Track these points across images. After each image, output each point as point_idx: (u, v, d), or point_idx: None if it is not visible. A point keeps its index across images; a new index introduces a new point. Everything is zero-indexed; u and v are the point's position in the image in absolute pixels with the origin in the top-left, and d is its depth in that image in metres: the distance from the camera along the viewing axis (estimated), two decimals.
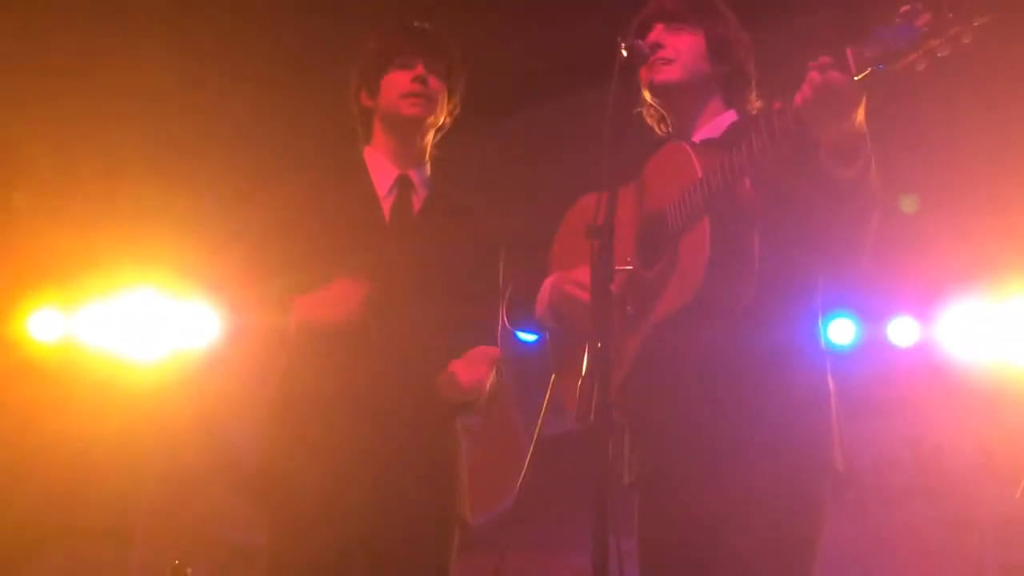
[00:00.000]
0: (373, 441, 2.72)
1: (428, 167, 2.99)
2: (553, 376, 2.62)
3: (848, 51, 2.02)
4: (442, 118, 2.97)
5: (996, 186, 5.17)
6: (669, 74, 2.49)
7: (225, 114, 5.14)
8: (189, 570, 4.69)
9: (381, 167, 2.94)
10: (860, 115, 2.12)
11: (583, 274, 2.43)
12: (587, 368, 2.10)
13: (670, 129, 2.62)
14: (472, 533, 2.85)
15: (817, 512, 2.35)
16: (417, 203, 2.94)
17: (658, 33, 2.51)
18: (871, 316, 6.04)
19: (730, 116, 2.54)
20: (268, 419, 2.86)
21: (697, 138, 2.52)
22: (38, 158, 5.31)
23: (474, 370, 2.79)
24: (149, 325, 6.09)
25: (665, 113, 2.61)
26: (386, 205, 2.91)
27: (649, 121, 2.65)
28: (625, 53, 2.29)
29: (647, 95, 2.57)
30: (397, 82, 2.90)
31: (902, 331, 6.05)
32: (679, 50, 2.50)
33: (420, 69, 2.89)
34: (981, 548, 4.99)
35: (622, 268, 2.35)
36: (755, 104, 2.57)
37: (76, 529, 6.03)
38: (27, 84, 4.93)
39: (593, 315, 2.13)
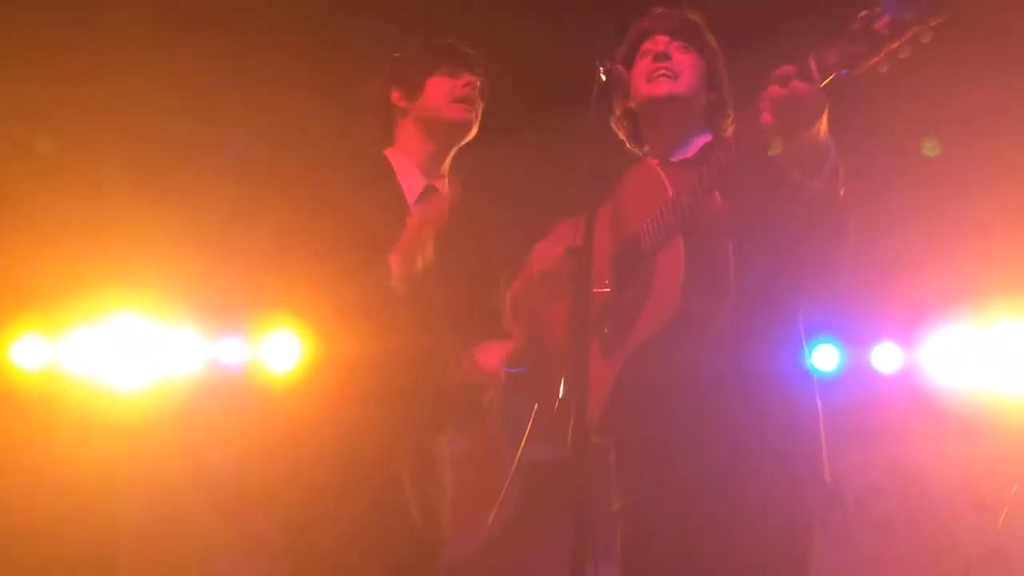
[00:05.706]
0: (357, 471, 2.71)
1: (447, 181, 2.98)
2: (536, 405, 2.61)
3: (811, 58, 2.04)
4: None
5: (980, 211, 5.18)
6: (675, 87, 2.49)
7: (215, 134, 5.09)
8: None
9: (408, 174, 2.92)
10: (824, 123, 2.12)
11: (547, 248, 2.44)
12: (564, 391, 2.09)
13: (646, 148, 2.62)
14: (451, 558, 2.84)
15: (809, 529, 2.31)
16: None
17: (664, 44, 2.51)
18: (855, 342, 6.04)
19: (705, 138, 2.55)
20: (259, 445, 2.84)
21: (675, 158, 2.52)
22: (22, 181, 5.26)
23: (490, 358, 2.80)
24: (134, 352, 6.06)
25: (646, 128, 2.60)
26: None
27: (620, 134, 2.64)
28: (604, 77, 2.30)
29: (636, 106, 2.55)
30: (444, 86, 2.91)
31: (886, 357, 6.06)
32: (686, 66, 2.51)
33: (469, 77, 2.91)
34: None
35: (600, 290, 2.35)
36: (729, 129, 2.57)
37: (59, 560, 5.97)
38: (10, 105, 4.88)
39: (572, 337, 2.12)
